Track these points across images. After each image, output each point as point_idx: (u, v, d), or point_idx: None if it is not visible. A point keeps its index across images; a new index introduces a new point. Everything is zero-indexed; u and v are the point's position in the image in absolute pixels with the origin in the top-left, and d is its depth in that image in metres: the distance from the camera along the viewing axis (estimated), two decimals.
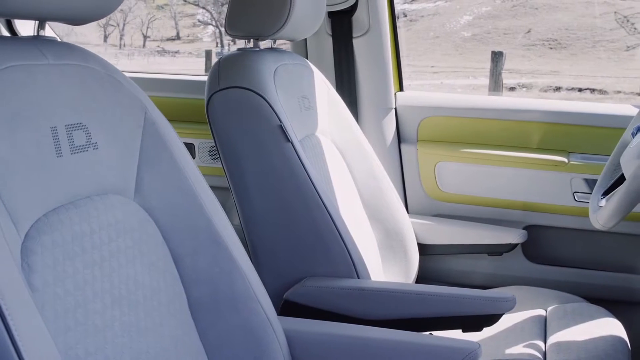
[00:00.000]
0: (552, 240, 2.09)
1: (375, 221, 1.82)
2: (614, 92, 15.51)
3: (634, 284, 2.02)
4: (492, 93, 11.17)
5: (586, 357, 1.50)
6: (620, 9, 22.01)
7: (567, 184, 2.02)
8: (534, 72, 17.62)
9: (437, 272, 2.10)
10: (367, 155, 1.84)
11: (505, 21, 21.45)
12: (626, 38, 20.99)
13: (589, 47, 20.72)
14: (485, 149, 2.09)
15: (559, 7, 22.22)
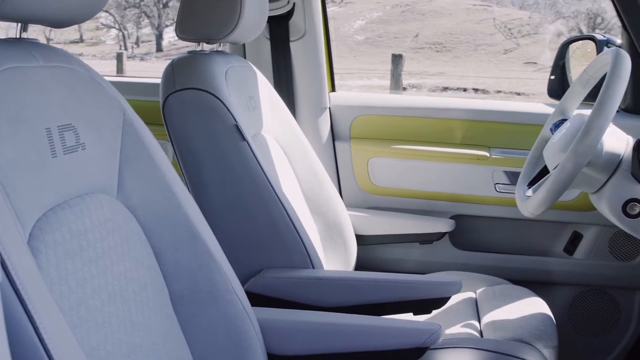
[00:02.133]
0: (477, 228, 2.16)
1: (316, 215, 1.84)
2: (495, 91, 16.06)
3: (551, 266, 2.11)
4: (392, 92, 11.39)
5: (521, 333, 1.56)
6: (498, 15, 22.80)
7: (489, 176, 2.09)
8: (423, 73, 18.03)
9: (373, 261, 2.13)
10: (307, 153, 1.85)
11: (395, 26, 21.86)
12: (504, 42, 21.76)
13: (471, 50, 21.36)
14: (414, 145, 2.14)
15: (444, 13, 22.82)
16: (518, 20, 22.71)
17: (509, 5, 24.44)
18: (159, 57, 21.50)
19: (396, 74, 11.56)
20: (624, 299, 2.12)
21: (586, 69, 1.68)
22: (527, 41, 21.93)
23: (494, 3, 24.04)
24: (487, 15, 22.94)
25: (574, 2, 23.43)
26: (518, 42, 21.82)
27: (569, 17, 22.68)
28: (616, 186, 1.50)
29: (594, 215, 2.03)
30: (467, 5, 23.50)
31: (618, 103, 1.41)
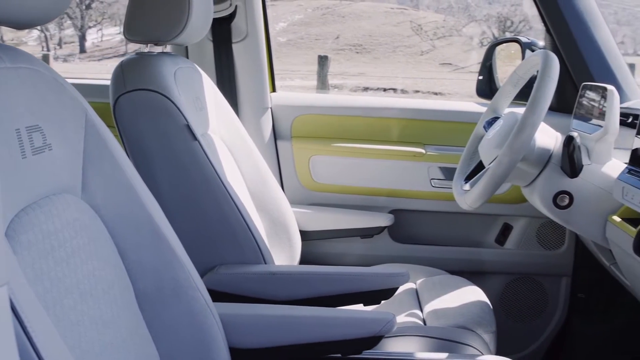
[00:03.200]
0: (415, 221, 2.21)
1: (262, 212, 1.84)
2: (413, 91, 16.33)
3: (484, 256, 2.18)
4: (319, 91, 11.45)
5: (462, 320, 1.61)
6: (414, 18, 23.20)
7: (425, 172, 2.14)
8: (344, 73, 18.18)
9: (316, 256, 2.15)
10: (252, 152, 1.85)
11: (316, 28, 21.98)
12: (421, 44, 22.15)
13: (389, 52, 21.66)
14: (353, 143, 2.17)
15: (363, 15, 23.06)
16: (433, 23, 23.17)
17: (425, 8, 24.89)
18: (82, 59, 20.99)
19: (322, 74, 11.64)
20: (551, 286, 2.20)
21: (516, 69, 1.73)
22: (442, 43, 22.39)
23: (410, 6, 24.46)
24: (404, 18, 23.32)
25: (485, 6, 24.05)
26: (434, 44, 22.26)
27: (480, 20, 23.27)
28: (547, 179, 1.56)
29: (523, 207, 2.11)
30: (385, 9, 23.83)
31: (549, 102, 1.47)
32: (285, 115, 2.20)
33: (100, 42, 23.02)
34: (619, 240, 1.44)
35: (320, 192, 2.18)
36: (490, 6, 23.94)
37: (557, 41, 2.03)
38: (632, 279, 1.53)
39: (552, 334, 2.21)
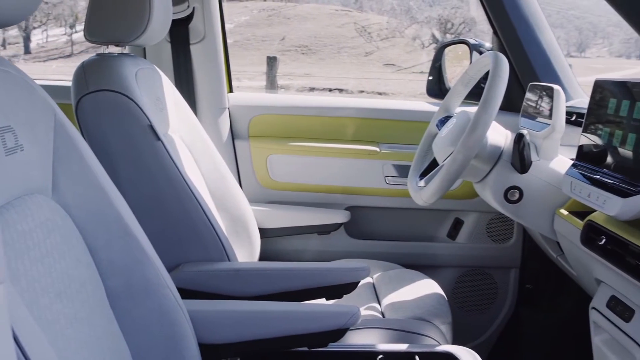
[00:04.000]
0: (370, 218, 2.24)
1: (222, 210, 1.84)
2: (358, 91, 16.45)
3: (437, 250, 2.22)
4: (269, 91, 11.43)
5: (420, 312, 1.64)
6: (358, 20, 23.35)
7: (380, 170, 2.17)
8: (290, 74, 18.19)
9: (275, 253, 2.16)
10: (211, 152, 1.85)
11: (262, 29, 21.92)
12: (365, 45, 22.31)
13: (334, 53, 21.75)
14: (310, 142, 2.19)
15: (308, 17, 23.10)
16: (377, 24, 23.36)
17: (368, 10, 25.08)
18: (27, 60, 20.51)
19: (271, 75, 11.63)
20: (501, 277, 2.26)
21: (467, 70, 1.77)
22: (386, 44, 22.60)
23: (354, 8, 24.61)
24: (348, 19, 23.46)
25: (426, 8, 24.35)
26: (377, 45, 22.44)
27: (422, 22, 23.56)
28: (498, 175, 1.59)
29: (474, 202, 2.16)
30: (329, 10, 23.92)
31: (500, 101, 1.51)
32: (243, 115, 2.20)
33: (45, 43, 22.52)
34: (566, 232, 1.49)
35: (277, 190, 2.19)
36: (431, 8, 24.26)
37: (504, 43, 2.09)
38: (578, 269, 1.58)
39: (502, 323, 2.27)
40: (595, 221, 1.33)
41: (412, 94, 15.86)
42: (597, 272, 1.40)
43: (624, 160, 1.24)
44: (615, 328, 1.30)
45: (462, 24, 22.83)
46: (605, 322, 1.34)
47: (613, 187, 1.23)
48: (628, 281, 1.22)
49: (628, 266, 1.20)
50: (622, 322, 1.27)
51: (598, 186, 1.28)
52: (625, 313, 1.27)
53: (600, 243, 1.30)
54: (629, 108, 1.25)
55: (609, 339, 1.34)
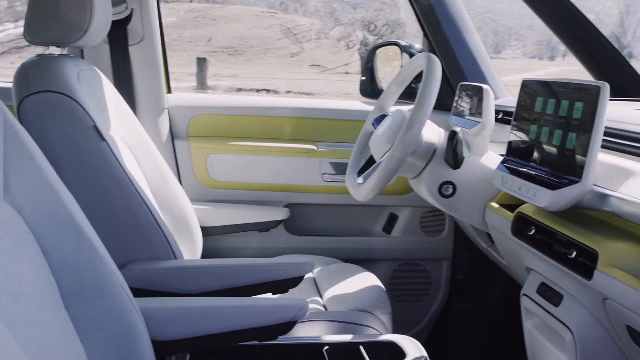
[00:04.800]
0: (309, 214, 2.26)
1: (164, 210, 1.83)
2: (285, 92, 16.42)
3: (373, 244, 2.26)
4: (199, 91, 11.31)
5: (361, 304, 1.68)
6: (284, 21, 23.31)
7: (317, 168, 2.20)
8: (217, 75, 17.99)
9: (217, 251, 2.16)
10: (152, 152, 1.83)
11: (189, 30, 21.61)
12: (291, 46, 22.30)
13: (261, 54, 21.66)
14: (249, 142, 2.19)
15: (234, 19, 22.93)
16: (302, 26, 23.37)
17: (294, 12, 25.08)
18: None
19: (201, 76, 11.51)
20: (434, 269, 2.32)
21: (401, 70, 1.81)
22: (311, 45, 22.64)
23: (280, 10, 24.57)
24: (274, 21, 23.38)
25: (350, 10, 24.53)
26: (303, 47, 22.46)
27: (346, 24, 23.72)
28: (432, 171, 1.64)
29: (407, 198, 2.21)
30: (255, 12, 23.80)
31: (434, 100, 1.55)
32: (182, 115, 2.19)
33: None
34: (497, 224, 1.55)
35: (218, 189, 2.19)
36: (354, 11, 24.44)
37: (434, 45, 2.14)
38: (508, 259, 1.64)
39: (437, 312, 2.33)
40: (525, 213, 1.39)
41: (337, 94, 15.96)
42: (527, 260, 1.46)
43: (551, 154, 1.30)
44: (546, 312, 1.36)
45: (384, 26, 23.08)
46: (536, 307, 1.40)
47: (542, 180, 1.29)
48: (556, 268, 1.28)
49: (556, 254, 1.25)
50: (551, 307, 1.34)
51: (528, 179, 1.33)
52: (555, 298, 1.34)
53: (530, 233, 1.35)
54: (555, 106, 1.31)
55: (540, 323, 1.40)
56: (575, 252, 1.19)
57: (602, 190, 1.18)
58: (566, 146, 1.25)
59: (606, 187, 1.19)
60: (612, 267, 1.10)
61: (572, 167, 1.22)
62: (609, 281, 1.09)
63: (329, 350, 1.37)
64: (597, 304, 1.18)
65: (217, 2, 23.70)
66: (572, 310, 1.27)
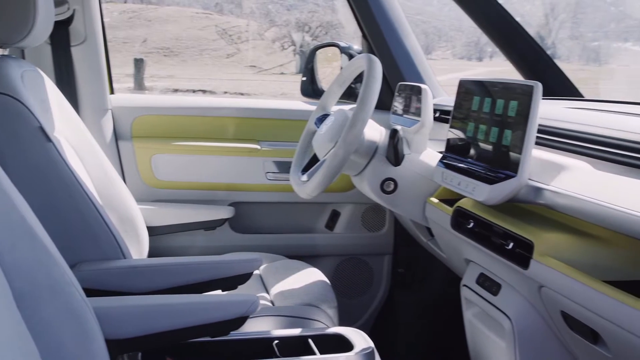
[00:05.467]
0: (253, 212, 2.27)
1: (110, 210, 1.80)
2: (221, 92, 16.32)
3: (317, 241, 2.29)
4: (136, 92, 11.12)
5: (308, 298, 1.70)
6: (219, 23, 23.16)
7: (261, 167, 2.20)
8: (154, 76, 17.75)
9: (163, 250, 2.14)
10: (97, 153, 1.81)
11: (123, 31, 21.24)
12: (226, 47, 22.17)
13: (197, 55, 21.47)
14: (193, 141, 2.18)
15: (169, 20, 22.66)
16: (237, 27, 23.27)
17: (229, 13, 24.94)
18: None
19: (139, 77, 11.34)
20: (376, 263, 2.36)
21: (342, 71, 1.84)
22: (246, 46, 22.57)
23: (215, 11, 24.40)
24: (209, 22, 23.21)
25: (284, 12, 24.54)
26: (239, 48, 22.37)
27: (281, 25, 23.72)
28: (374, 168, 1.67)
29: (349, 195, 2.24)
30: (190, 13, 23.58)
31: (376, 99, 1.58)
32: (125, 116, 2.16)
33: None
34: (437, 218, 1.59)
35: (163, 189, 2.17)
36: (289, 12, 24.47)
37: (373, 46, 2.18)
38: (448, 251, 1.69)
39: (379, 305, 2.37)
40: (463, 207, 1.43)
41: (273, 94, 15.96)
42: (466, 252, 1.50)
43: (487, 151, 1.34)
44: (485, 302, 1.40)
45: (319, 27, 23.20)
46: (476, 297, 1.44)
47: (480, 175, 1.33)
48: (494, 259, 1.32)
49: (494, 246, 1.30)
50: (490, 296, 1.38)
51: (467, 175, 1.37)
52: (493, 288, 1.38)
53: (469, 226, 1.40)
54: (491, 105, 1.35)
55: (479, 312, 1.45)
56: (512, 244, 1.23)
57: (537, 184, 1.23)
58: (502, 143, 1.29)
59: (540, 181, 1.23)
60: (547, 256, 1.14)
61: (508, 163, 1.26)
62: (545, 270, 1.14)
63: (279, 345, 1.38)
64: (533, 292, 1.23)
65: (151, 3, 23.36)
66: (510, 298, 1.32)
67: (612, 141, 1.23)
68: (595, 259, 1.11)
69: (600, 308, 1.01)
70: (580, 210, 1.10)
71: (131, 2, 23.40)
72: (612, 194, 1.06)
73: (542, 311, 1.26)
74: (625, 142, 1.19)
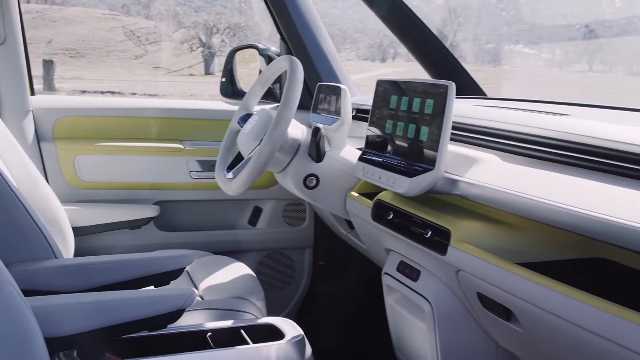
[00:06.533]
0: (178, 210, 2.26)
1: (36, 211, 1.77)
2: (130, 94, 15.96)
3: (240, 236, 2.31)
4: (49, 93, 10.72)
5: (236, 292, 1.72)
6: (126, 24, 22.61)
7: (184, 165, 2.20)
8: (60, 77, 17.15)
9: (89, 250, 2.10)
10: (19, 154, 1.76)
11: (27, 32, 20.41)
12: (134, 49, 21.68)
13: (104, 56, 20.90)
14: (117, 142, 2.15)
15: (75, 20, 21.93)
16: (145, 29, 22.78)
17: (136, 15, 24.37)
18: None
19: (48, 78, 10.92)
20: (297, 257, 2.40)
21: (264, 72, 1.86)
22: (154, 48, 22.14)
23: (122, 12, 23.79)
24: (116, 23, 22.62)
25: (192, 13, 24.21)
26: (146, 49, 21.91)
27: (189, 26, 23.38)
28: (297, 165, 1.71)
29: (270, 191, 2.27)
30: (97, 14, 22.91)
31: (298, 98, 1.62)
32: (47, 117, 2.11)
33: None
34: (358, 211, 1.64)
35: (87, 190, 2.14)
36: (197, 14, 24.15)
37: (291, 48, 2.22)
38: (368, 243, 1.74)
39: (302, 296, 2.41)
40: (383, 199, 1.49)
41: (183, 95, 15.74)
42: (386, 242, 1.55)
43: (406, 146, 1.40)
44: (406, 287, 1.46)
45: (226, 29, 23.01)
46: (396, 284, 1.50)
47: (400, 169, 1.39)
48: (414, 247, 1.38)
49: (413, 235, 1.35)
50: (411, 282, 1.44)
51: (387, 169, 1.43)
52: (413, 274, 1.44)
53: (389, 218, 1.45)
54: (408, 103, 1.41)
55: (400, 297, 1.51)
56: (430, 232, 1.30)
57: (452, 177, 1.29)
58: (420, 138, 1.35)
59: (455, 173, 1.30)
60: (464, 242, 1.21)
61: (425, 157, 1.32)
62: (461, 255, 1.21)
63: (212, 336, 1.40)
64: (451, 276, 1.29)
65: (56, 3, 22.54)
66: (429, 283, 1.38)
67: (518, 136, 1.31)
68: (507, 244, 1.19)
69: (514, 288, 1.08)
70: (492, 199, 1.17)
71: (34, 2, 22.51)
72: (520, 183, 1.14)
73: (459, 294, 1.32)
74: (530, 137, 1.28)
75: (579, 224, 0.96)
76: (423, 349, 1.43)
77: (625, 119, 1.42)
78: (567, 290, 0.97)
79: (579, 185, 1.07)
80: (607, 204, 0.95)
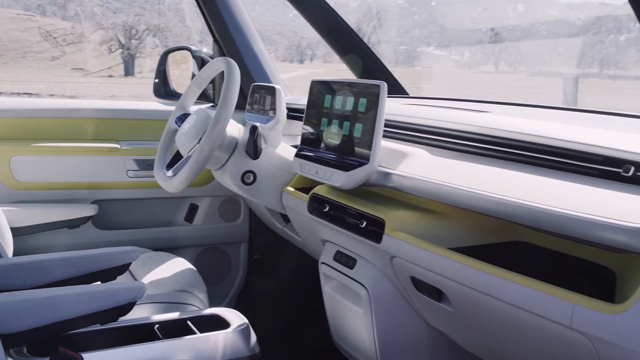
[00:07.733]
0: (116, 209, 2.24)
1: None
2: (48, 95, 15.46)
3: (178, 233, 2.31)
4: None
5: (179, 285, 1.73)
6: (43, 25, 21.86)
7: (122, 165, 2.19)
8: None
9: (29, 250, 2.06)
10: None
11: None
12: (51, 50, 20.99)
13: (20, 57, 20.15)
14: (53, 143, 2.12)
15: None
16: (62, 29, 22.09)
17: (52, 15, 23.58)
18: None
19: None
20: (233, 251, 2.43)
21: (200, 73, 1.88)
22: (72, 49, 21.50)
23: (37, 13, 22.97)
24: (32, 24, 21.84)
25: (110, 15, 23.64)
26: (64, 50, 21.26)
27: (108, 28, 22.82)
28: (235, 162, 1.74)
29: (206, 188, 2.29)
30: (11, 14, 22.04)
31: (236, 98, 1.65)
32: None
33: None
34: (294, 205, 1.68)
35: (24, 190, 2.09)
36: (115, 15, 23.59)
37: (224, 50, 2.24)
38: (304, 235, 1.78)
39: (238, 289, 2.44)
40: (319, 193, 1.54)
41: (102, 97, 15.37)
42: (322, 234, 1.60)
43: (341, 142, 1.45)
44: (343, 275, 1.51)
45: (145, 31, 22.58)
46: (334, 272, 1.55)
47: (336, 164, 1.44)
48: (349, 237, 1.43)
49: (349, 225, 1.41)
50: (347, 270, 1.49)
51: (323, 164, 1.48)
52: (349, 262, 1.49)
53: (325, 210, 1.50)
54: (342, 102, 1.47)
55: (338, 285, 1.56)
56: (365, 222, 1.35)
57: (386, 170, 1.36)
58: (354, 135, 1.41)
59: (388, 167, 1.37)
60: (397, 231, 1.27)
61: (360, 152, 1.38)
62: (395, 242, 1.27)
63: (160, 328, 1.42)
64: (386, 263, 1.35)
65: None
66: (365, 270, 1.43)
67: (445, 131, 1.39)
68: (438, 231, 1.26)
69: (445, 270, 1.15)
70: (422, 190, 1.24)
71: None
72: (447, 174, 1.22)
73: (393, 279, 1.38)
74: (455, 132, 1.36)
75: (498, 209, 1.05)
76: (360, 333, 1.48)
77: (538, 115, 1.53)
78: (494, 270, 1.05)
79: (499, 175, 1.15)
80: (523, 191, 1.04)
